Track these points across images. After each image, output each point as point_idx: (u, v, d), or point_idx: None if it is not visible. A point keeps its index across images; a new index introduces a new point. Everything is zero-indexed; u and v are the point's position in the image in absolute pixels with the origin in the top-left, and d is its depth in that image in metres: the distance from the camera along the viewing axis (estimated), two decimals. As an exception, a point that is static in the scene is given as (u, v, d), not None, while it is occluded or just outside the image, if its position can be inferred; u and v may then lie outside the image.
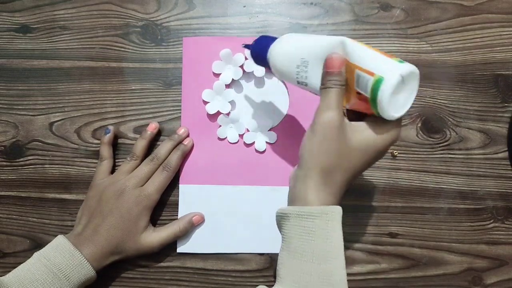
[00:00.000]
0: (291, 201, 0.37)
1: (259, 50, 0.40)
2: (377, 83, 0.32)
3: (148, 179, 0.47)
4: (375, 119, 0.35)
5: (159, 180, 0.46)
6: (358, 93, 0.34)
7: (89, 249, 0.43)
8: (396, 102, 0.33)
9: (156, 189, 0.46)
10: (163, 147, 0.48)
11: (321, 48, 0.36)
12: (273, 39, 0.40)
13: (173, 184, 0.49)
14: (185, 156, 0.49)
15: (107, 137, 0.49)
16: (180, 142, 0.49)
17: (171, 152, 0.48)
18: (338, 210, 0.35)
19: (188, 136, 0.50)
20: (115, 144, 0.50)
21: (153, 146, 0.50)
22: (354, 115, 0.38)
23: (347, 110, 0.39)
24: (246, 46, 0.43)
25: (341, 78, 0.35)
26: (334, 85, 0.35)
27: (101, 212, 0.45)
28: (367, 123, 0.36)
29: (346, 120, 0.36)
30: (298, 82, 0.38)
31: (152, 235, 0.46)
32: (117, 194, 0.45)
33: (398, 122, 0.36)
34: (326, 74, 0.36)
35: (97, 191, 0.46)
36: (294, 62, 0.37)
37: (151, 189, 0.46)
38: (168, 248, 0.48)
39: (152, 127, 0.49)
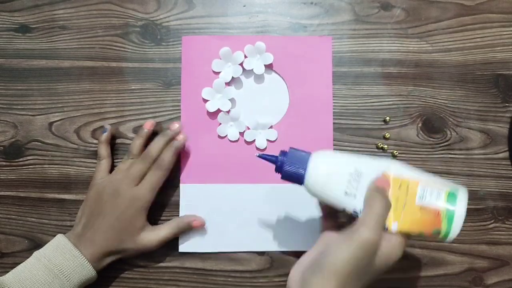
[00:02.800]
0: None
1: (294, 169, 0.38)
2: (452, 195, 0.35)
3: (142, 178, 0.46)
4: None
5: (151, 179, 0.45)
6: (422, 209, 0.35)
7: (89, 249, 0.43)
8: None
9: (149, 189, 0.45)
10: (155, 144, 0.46)
11: (373, 164, 0.37)
12: (306, 154, 0.38)
13: (173, 184, 0.49)
14: (185, 155, 0.49)
15: (105, 136, 0.48)
16: (173, 138, 0.47)
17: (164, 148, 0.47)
18: None
19: (181, 131, 0.47)
20: (113, 144, 0.50)
21: (153, 145, 0.50)
22: None
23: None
24: (276, 169, 0.39)
25: (386, 196, 0.36)
26: (381, 200, 0.35)
27: (100, 213, 0.44)
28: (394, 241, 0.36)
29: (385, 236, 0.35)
30: (346, 193, 0.37)
31: (151, 235, 0.46)
32: (113, 194, 0.45)
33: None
34: (374, 188, 0.36)
35: (97, 191, 0.46)
36: (346, 170, 0.37)
37: (144, 189, 0.45)
38: (167, 248, 0.48)
39: (149, 125, 0.48)
